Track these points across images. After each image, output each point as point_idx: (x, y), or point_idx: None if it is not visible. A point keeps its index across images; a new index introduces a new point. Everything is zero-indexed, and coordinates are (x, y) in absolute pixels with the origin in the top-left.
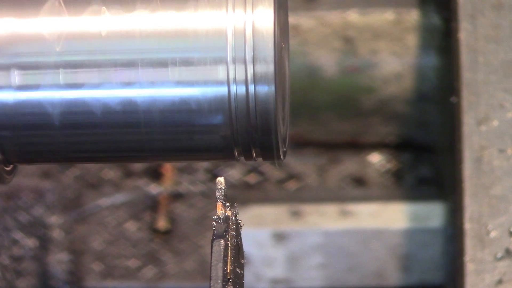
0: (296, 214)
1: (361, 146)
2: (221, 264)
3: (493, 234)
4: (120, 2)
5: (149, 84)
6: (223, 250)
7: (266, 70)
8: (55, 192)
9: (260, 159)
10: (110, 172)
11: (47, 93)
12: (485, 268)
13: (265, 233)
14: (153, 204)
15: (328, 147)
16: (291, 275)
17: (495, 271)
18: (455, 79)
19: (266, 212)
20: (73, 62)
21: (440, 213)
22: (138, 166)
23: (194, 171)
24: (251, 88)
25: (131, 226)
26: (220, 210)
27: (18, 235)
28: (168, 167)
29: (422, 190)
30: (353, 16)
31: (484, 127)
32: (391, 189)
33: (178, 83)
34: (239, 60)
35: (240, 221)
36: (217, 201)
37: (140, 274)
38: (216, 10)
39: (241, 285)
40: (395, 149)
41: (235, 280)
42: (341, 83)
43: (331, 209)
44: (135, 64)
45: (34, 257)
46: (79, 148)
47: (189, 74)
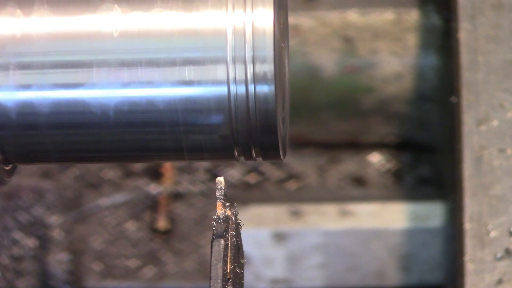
0: (296, 214)
1: (361, 146)
2: (221, 264)
3: (493, 234)
4: (119, 2)
5: (148, 84)
6: (223, 250)
7: (266, 70)
8: (55, 192)
9: (260, 159)
10: (110, 172)
11: (46, 93)
12: (485, 268)
13: (265, 233)
14: (153, 204)
15: (328, 147)
16: (291, 275)
17: (495, 271)
18: (455, 79)
19: (266, 212)
20: (72, 62)
21: (440, 213)
22: (138, 166)
23: (194, 171)
24: (251, 88)
25: (131, 226)
26: (220, 210)
27: (18, 235)
28: (168, 167)
29: (422, 190)
30: (353, 16)
31: (484, 127)
32: (391, 189)
33: (178, 83)
34: (239, 60)
35: (240, 221)
36: (217, 201)
37: (140, 274)
38: (216, 10)
39: (241, 285)
40: (395, 149)
41: (235, 280)
42: (341, 83)
43: (331, 209)
44: (134, 64)
45: (34, 257)
46: (79, 148)
47: (188, 74)
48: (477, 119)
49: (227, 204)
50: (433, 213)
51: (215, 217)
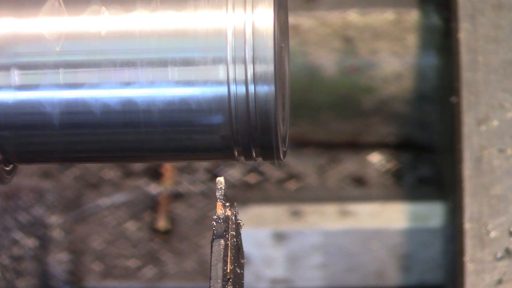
0: (296, 214)
1: (361, 146)
2: (221, 264)
3: (493, 234)
4: (120, 2)
5: (148, 84)
6: (223, 250)
7: (266, 70)
8: (55, 192)
9: (260, 159)
10: (110, 172)
11: (47, 93)
12: (485, 268)
13: (265, 233)
14: (153, 204)
15: (328, 147)
16: (291, 275)
17: (495, 271)
18: (455, 79)
19: (266, 212)
20: (73, 62)
21: (440, 213)
22: (138, 166)
23: (194, 171)
24: (251, 88)
25: (131, 226)
26: (220, 210)
27: (18, 235)
28: (168, 167)
29: (422, 190)
30: (353, 16)
31: (484, 127)
32: (391, 189)
33: (178, 83)
34: (239, 60)
35: (240, 221)
36: (217, 201)
37: (140, 274)
38: (216, 10)
39: (241, 285)
40: (395, 149)
41: (235, 280)
42: (341, 83)
43: (331, 209)
44: (134, 64)
45: (34, 257)
46: (79, 148)
47: (189, 74)
48: (477, 119)
49: (227, 204)
50: (433, 213)
51: (215, 217)
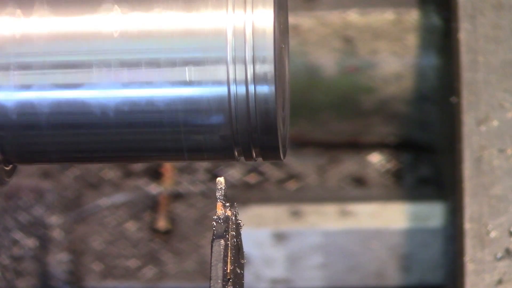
0: (296, 214)
1: (361, 146)
2: (221, 264)
3: (493, 234)
4: (119, 2)
5: (148, 84)
6: (223, 250)
7: (266, 70)
8: (55, 192)
9: (260, 159)
10: (110, 172)
11: (46, 93)
12: (485, 268)
13: (265, 233)
14: (153, 204)
15: (328, 147)
16: (291, 275)
17: (495, 271)
18: (455, 79)
19: (266, 212)
20: (72, 62)
21: (440, 213)
22: (138, 166)
23: (194, 171)
24: (251, 88)
25: (131, 226)
26: (220, 210)
27: (18, 235)
28: (168, 167)
29: (422, 190)
30: (353, 16)
31: (484, 127)
32: (391, 189)
33: (178, 83)
34: (239, 60)
35: (240, 221)
36: (217, 201)
37: (140, 274)
38: (216, 10)
39: (241, 285)
40: (395, 149)
41: (235, 280)
42: (341, 83)
43: (331, 209)
44: (134, 64)
45: (34, 257)
46: (79, 148)
47: (189, 74)
48: (477, 119)
49: (227, 204)
50: (433, 213)
51: (215, 217)
